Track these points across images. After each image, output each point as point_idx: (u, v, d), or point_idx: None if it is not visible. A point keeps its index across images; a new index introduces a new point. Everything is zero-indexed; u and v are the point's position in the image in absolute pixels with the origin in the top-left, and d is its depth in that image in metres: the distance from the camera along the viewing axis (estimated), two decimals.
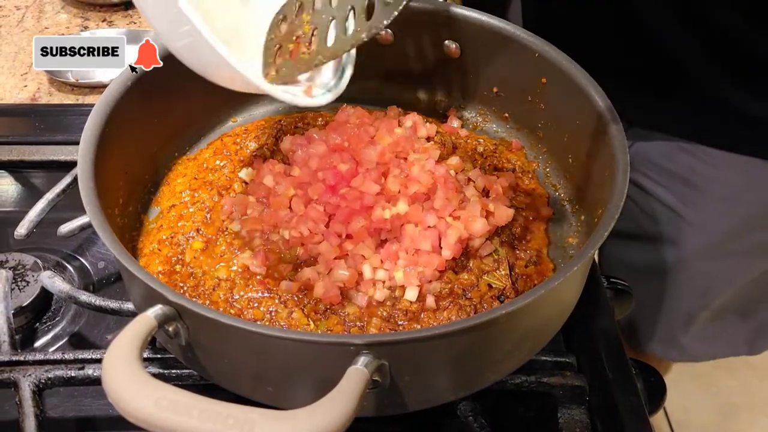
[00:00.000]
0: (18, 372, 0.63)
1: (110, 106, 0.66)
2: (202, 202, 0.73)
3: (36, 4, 1.21)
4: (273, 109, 0.86)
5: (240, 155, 0.78)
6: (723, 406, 1.84)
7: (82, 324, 0.73)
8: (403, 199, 0.67)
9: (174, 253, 0.68)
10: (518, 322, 0.56)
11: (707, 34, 0.82)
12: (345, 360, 0.48)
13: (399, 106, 0.83)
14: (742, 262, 1.00)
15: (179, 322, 0.52)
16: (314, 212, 0.67)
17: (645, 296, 0.96)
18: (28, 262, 0.75)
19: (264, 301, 0.64)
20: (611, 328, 0.70)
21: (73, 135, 0.82)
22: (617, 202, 0.59)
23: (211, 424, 0.42)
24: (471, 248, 0.68)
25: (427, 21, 0.79)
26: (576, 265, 0.55)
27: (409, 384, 0.54)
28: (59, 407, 0.66)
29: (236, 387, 0.58)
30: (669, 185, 0.96)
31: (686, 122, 0.91)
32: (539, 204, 0.75)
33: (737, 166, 0.90)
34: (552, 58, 0.73)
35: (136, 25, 1.16)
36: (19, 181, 0.91)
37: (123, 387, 0.44)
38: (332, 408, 0.44)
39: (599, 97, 0.68)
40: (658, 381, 0.72)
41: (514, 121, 0.83)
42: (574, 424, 0.65)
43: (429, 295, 0.64)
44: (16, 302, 0.71)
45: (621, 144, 0.64)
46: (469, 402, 0.63)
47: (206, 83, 0.79)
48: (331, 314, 0.63)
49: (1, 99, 1.02)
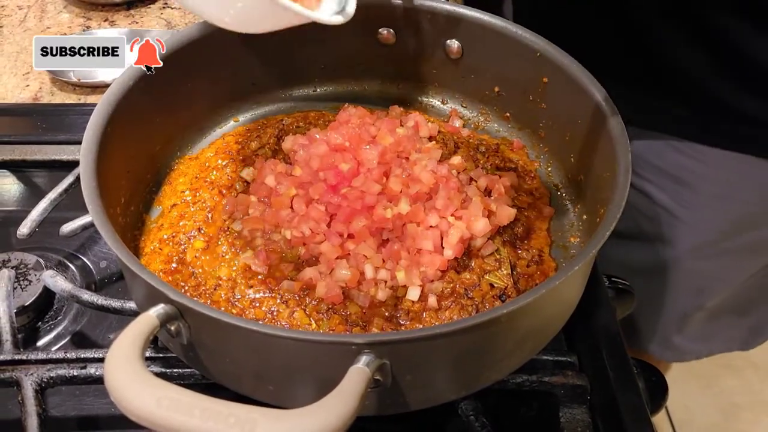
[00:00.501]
0: (20, 371, 0.63)
1: (112, 105, 0.66)
2: (204, 201, 0.73)
3: (38, 4, 1.21)
4: (275, 109, 0.86)
5: (242, 155, 0.78)
6: (725, 406, 1.84)
7: (84, 323, 0.74)
8: (404, 199, 0.67)
9: (175, 252, 0.68)
10: (519, 322, 0.56)
11: (700, 32, 0.82)
12: (346, 359, 0.48)
13: (401, 106, 0.84)
14: (736, 260, 1.00)
15: (181, 321, 0.52)
16: (316, 212, 0.67)
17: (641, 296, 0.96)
18: (30, 262, 0.75)
19: (265, 300, 0.64)
20: (613, 327, 0.70)
21: (75, 134, 0.82)
22: (619, 201, 0.59)
23: (212, 423, 0.42)
24: (473, 248, 0.68)
25: (428, 20, 0.79)
26: (577, 264, 0.55)
27: (410, 383, 0.54)
28: (61, 406, 0.66)
29: (238, 386, 0.58)
30: (661, 184, 0.96)
31: (679, 121, 0.91)
32: (541, 203, 0.75)
33: (728, 164, 0.90)
34: (553, 58, 0.73)
35: (138, 25, 1.16)
36: (22, 180, 0.91)
37: (125, 386, 0.44)
38: (334, 407, 0.44)
39: (601, 97, 0.68)
40: (659, 380, 0.72)
41: (516, 121, 0.83)
42: (576, 424, 0.65)
43: (431, 294, 0.64)
44: (19, 301, 0.71)
45: (623, 144, 0.64)
46: (470, 401, 0.63)
47: (208, 83, 0.80)
48: (333, 314, 0.63)
49: (3, 99, 1.02)
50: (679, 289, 1.03)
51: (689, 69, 0.85)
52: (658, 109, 0.91)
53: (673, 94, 0.89)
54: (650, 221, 1.00)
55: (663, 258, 1.01)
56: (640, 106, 0.87)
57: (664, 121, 0.92)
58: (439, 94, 0.86)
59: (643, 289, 1.00)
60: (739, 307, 1.08)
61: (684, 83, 0.87)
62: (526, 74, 0.77)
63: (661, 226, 0.99)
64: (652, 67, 0.88)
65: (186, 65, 0.74)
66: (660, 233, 1.00)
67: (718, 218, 0.95)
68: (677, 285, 1.03)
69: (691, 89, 0.87)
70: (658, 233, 1.00)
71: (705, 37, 0.82)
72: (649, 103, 0.90)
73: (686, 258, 1.00)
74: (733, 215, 0.95)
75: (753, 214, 0.94)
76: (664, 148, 0.94)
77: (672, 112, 0.90)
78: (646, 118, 0.90)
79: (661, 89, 0.89)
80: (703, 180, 0.93)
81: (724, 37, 0.81)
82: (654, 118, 0.92)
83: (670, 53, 0.85)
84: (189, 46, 0.74)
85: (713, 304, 1.05)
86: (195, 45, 0.75)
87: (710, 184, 0.93)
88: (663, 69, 0.87)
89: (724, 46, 0.82)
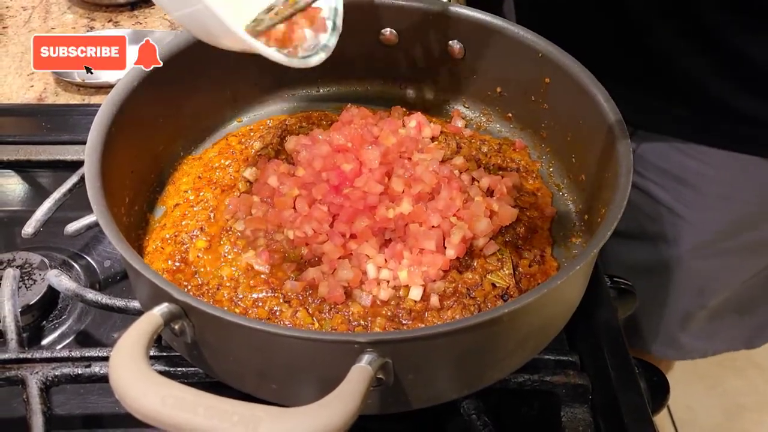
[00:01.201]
0: (25, 369, 0.63)
1: (116, 106, 0.67)
2: (206, 201, 0.73)
3: (42, 5, 1.22)
4: (278, 109, 0.86)
5: (245, 155, 0.78)
6: (728, 407, 1.84)
7: (88, 322, 0.74)
8: (407, 199, 0.67)
9: (177, 251, 0.68)
10: (521, 321, 0.57)
11: (700, 32, 0.82)
12: (349, 358, 0.48)
13: (403, 106, 0.84)
14: (738, 260, 1.00)
15: (185, 320, 0.52)
16: (318, 212, 0.67)
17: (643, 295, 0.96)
18: (35, 261, 0.75)
19: (268, 300, 0.64)
20: (614, 327, 0.70)
21: (80, 135, 0.83)
22: (620, 202, 0.59)
23: (216, 421, 0.43)
24: (475, 248, 0.68)
25: (430, 21, 0.80)
26: (579, 264, 0.55)
27: (412, 382, 0.54)
28: (66, 404, 0.67)
29: (241, 385, 0.58)
30: (664, 184, 0.96)
31: (679, 121, 0.91)
32: (543, 203, 0.75)
33: (731, 164, 0.90)
34: (555, 58, 0.73)
35: (142, 26, 1.16)
36: (26, 180, 0.91)
37: (129, 384, 0.45)
38: (336, 406, 0.44)
39: (602, 97, 0.68)
40: (661, 380, 0.72)
41: (518, 121, 0.83)
42: (577, 423, 0.65)
43: (433, 294, 0.64)
44: (23, 300, 0.71)
45: (624, 144, 0.64)
46: (472, 400, 0.63)
47: (212, 83, 0.80)
48: (336, 313, 0.63)
49: (8, 99, 1.02)
50: (682, 289, 1.03)
51: (689, 69, 0.85)
52: (658, 109, 0.91)
53: (672, 94, 0.89)
54: (652, 221, 1.00)
55: (665, 257, 1.01)
56: (640, 107, 0.87)
57: (664, 122, 0.92)
58: (442, 94, 0.87)
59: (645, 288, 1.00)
60: (742, 305, 1.08)
61: (684, 83, 0.87)
62: (528, 75, 0.77)
63: (664, 226, 0.99)
64: (652, 67, 0.88)
65: (189, 66, 0.75)
66: (662, 233, 1.00)
67: (720, 218, 0.96)
68: (680, 284, 1.03)
69: (691, 89, 0.87)
70: (660, 233, 1.00)
71: (705, 37, 0.82)
72: (649, 104, 0.90)
73: (689, 257, 1.00)
74: (735, 215, 0.95)
75: (754, 213, 0.94)
76: (667, 149, 0.94)
77: (672, 112, 0.91)
78: (645, 118, 0.91)
79: (660, 89, 0.90)
80: (705, 180, 0.93)
81: (723, 37, 0.82)
82: (654, 119, 0.92)
83: (670, 53, 0.85)
84: (193, 46, 0.74)
85: (716, 303, 1.05)
86: (198, 45, 0.74)
87: (713, 184, 0.93)
88: (663, 69, 0.87)
89: (723, 46, 0.82)
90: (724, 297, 1.04)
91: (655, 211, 0.99)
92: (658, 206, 0.98)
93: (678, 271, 1.01)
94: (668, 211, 0.98)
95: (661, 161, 0.95)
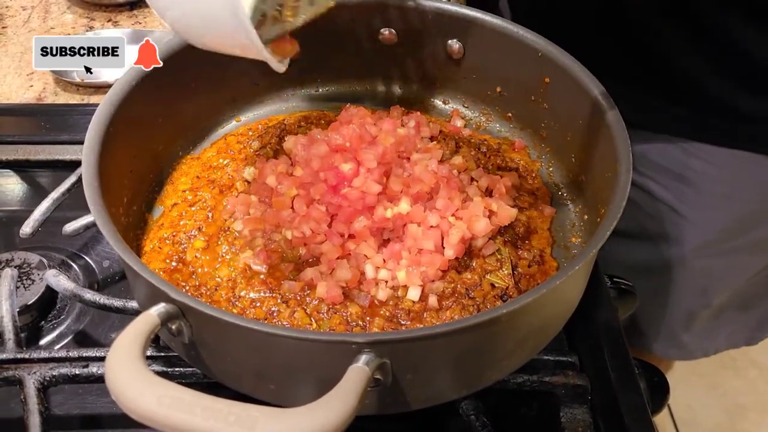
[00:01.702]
0: (23, 370, 0.63)
1: (114, 105, 0.67)
2: (204, 201, 0.73)
3: (42, 5, 1.22)
4: (277, 109, 0.86)
5: (243, 154, 0.78)
6: (729, 407, 1.84)
7: (86, 322, 0.74)
8: (405, 199, 0.67)
9: (175, 251, 0.68)
10: (520, 321, 0.56)
11: (699, 31, 0.82)
12: (346, 358, 0.48)
13: (402, 106, 0.84)
14: (742, 258, 1.00)
15: (182, 320, 0.52)
16: (317, 212, 0.67)
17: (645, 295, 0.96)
18: (33, 261, 0.75)
19: (266, 300, 0.64)
20: (614, 327, 0.70)
21: (79, 134, 0.82)
22: (620, 201, 0.59)
23: (213, 422, 0.42)
24: (474, 248, 0.68)
25: (429, 21, 0.79)
26: (578, 264, 0.55)
27: (411, 383, 0.54)
28: (64, 405, 0.67)
29: (239, 385, 0.58)
30: (664, 182, 0.96)
31: (678, 120, 0.91)
32: (542, 203, 0.75)
33: (730, 162, 0.90)
34: (555, 58, 0.73)
35: (142, 26, 1.16)
36: (25, 180, 0.91)
37: (126, 385, 0.44)
38: (333, 406, 0.44)
39: (602, 98, 0.68)
40: (661, 380, 0.72)
41: (517, 121, 0.83)
42: (577, 424, 0.64)
43: (432, 294, 0.64)
44: (22, 300, 0.71)
45: (624, 144, 0.64)
46: (471, 401, 0.63)
47: (211, 83, 0.80)
48: (334, 314, 0.63)
49: (7, 99, 1.02)
50: (684, 288, 1.03)
51: (688, 68, 0.85)
52: (657, 108, 0.91)
53: (672, 93, 0.89)
54: (653, 220, 1.00)
55: (667, 257, 1.01)
56: (640, 106, 0.87)
57: (664, 121, 0.92)
58: (441, 94, 0.86)
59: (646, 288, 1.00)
60: (744, 303, 1.08)
61: (683, 82, 0.87)
62: (528, 74, 0.77)
63: (665, 225, 0.99)
64: (652, 66, 0.88)
65: (188, 65, 0.74)
66: (663, 232, 1.00)
67: (723, 217, 0.95)
68: (682, 284, 1.03)
69: (690, 88, 0.87)
70: (661, 232, 1.00)
71: (704, 36, 0.82)
72: (648, 103, 0.90)
73: (690, 257, 1.00)
74: (738, 214, 0.95)
75: (756, 212, 0.94)
76: (667, 147, 0.94)
77: (671, 111, 0.90)
78: (645, 117, 0.90)
79: (660, 88, 0.89)
80: (707, 179, 0.93)
81: (722, 36, 0.82)
82: (653, 118, 0.92)
83: (669, 52, 0.85)
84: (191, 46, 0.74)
85: (719, 302, 1.05)
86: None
87: (714, 182, 0.93)
88: (662, 68, 0.87)
89: (722, 44, 0.82)
90: (727, 295, 1.04)
91: (656, 210, 0.99)
92: (659, 205, 0.98)
93: (681, 271, 1.01)
94: (669, 210, 0.98)
95: (662, 160, 0.95)
